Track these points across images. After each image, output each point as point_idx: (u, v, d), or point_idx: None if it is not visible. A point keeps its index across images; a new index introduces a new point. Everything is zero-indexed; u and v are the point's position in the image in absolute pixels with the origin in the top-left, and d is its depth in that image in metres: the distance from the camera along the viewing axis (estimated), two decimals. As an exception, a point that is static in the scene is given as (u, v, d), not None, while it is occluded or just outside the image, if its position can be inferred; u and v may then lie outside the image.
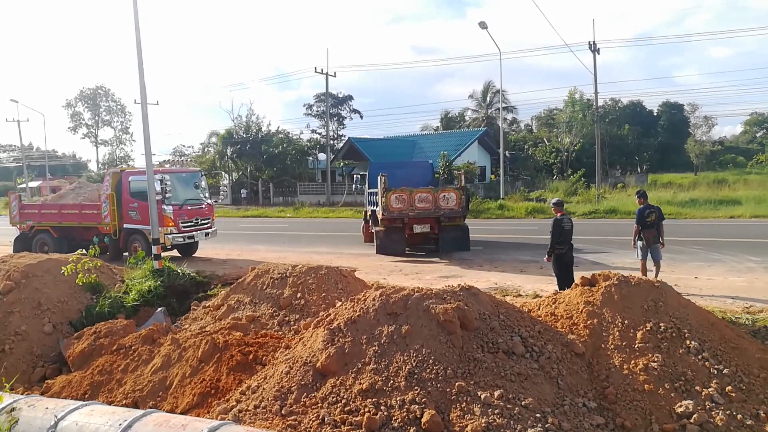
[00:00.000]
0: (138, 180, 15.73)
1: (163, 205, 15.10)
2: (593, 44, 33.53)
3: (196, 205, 16.75)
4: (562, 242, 9.84)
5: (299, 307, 9.12)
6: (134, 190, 15.96)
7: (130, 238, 16.07)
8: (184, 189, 16.56)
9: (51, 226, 17.12)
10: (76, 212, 16.86)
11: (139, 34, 12.75)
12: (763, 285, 10.53)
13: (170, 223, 15.68)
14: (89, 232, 16.67)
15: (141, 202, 15.47)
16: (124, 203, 16.02)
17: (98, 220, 16.35)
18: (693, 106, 61.68)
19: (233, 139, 49.55)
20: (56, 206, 17.35)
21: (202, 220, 16.90)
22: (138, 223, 15.80)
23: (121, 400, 6.92)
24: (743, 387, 5.70)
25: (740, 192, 30.18)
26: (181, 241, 16.12)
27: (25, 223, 17.69)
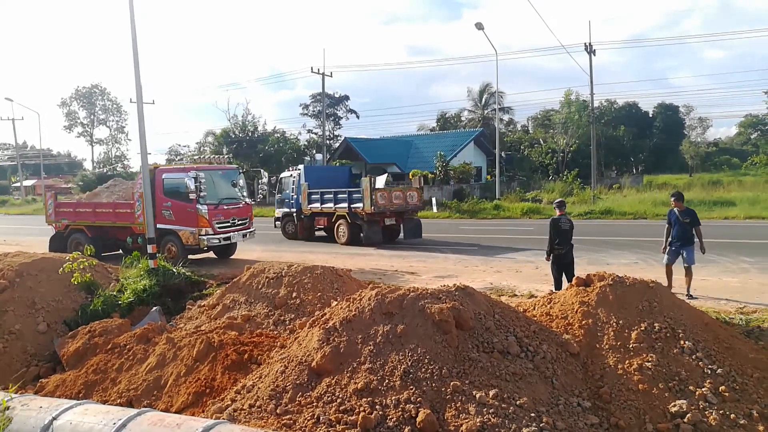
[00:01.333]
0: (172, 177, 15.16)
1: (197, 205, 14.57)
2: (589, 45, 33.59)
3: (232, 205, 15.78)
4: (561, 242, 9.82)
5: (295, 307, 9.11)
6: (168, 188, 15.16)
7: (163, 239, 15.14)
8: (219, 187, 15.60)
9: (85, 225, 16.49)
10: (109, 211, 16.11)
11: (134, 33, 12.72)
12: (757, 285, 10.58)
13: (204, 223, 14.80)
14: (123, 232, 16.03)
15: (175, 201, 14.96)
16: (157, 202, 14.91)
17: (131, 220, 15.56)
18: (688, 108, 61.97)
19: (229, 139, 49.50)
20: (90, 205, 16.69)
21: (239, 220, 15.93)
22: (172, 223, 15.03)
23: (115, 399, 6.91)
24: (737, 387, 5.73)
25: (734, 193, 30.31)
26: (216, 242, 15.18)
27: (60, 221, 17.05)
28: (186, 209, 14.73)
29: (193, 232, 14.70)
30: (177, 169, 15.28)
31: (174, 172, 15.31)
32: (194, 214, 14.61)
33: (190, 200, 14.55)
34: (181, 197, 14.80)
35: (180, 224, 14.79)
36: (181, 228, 14.78)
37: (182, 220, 14.79)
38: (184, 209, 14.76)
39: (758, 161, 50.28)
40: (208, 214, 14.79)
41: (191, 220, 14.70)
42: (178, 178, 14.88)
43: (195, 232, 14.67)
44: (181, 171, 15.01)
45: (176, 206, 14.93)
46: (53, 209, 17.14)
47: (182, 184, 14.66)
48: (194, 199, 14.42)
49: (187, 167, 15.06)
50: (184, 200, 14.74)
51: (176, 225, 14.94)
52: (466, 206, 30.98)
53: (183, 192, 14.67)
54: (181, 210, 14.78)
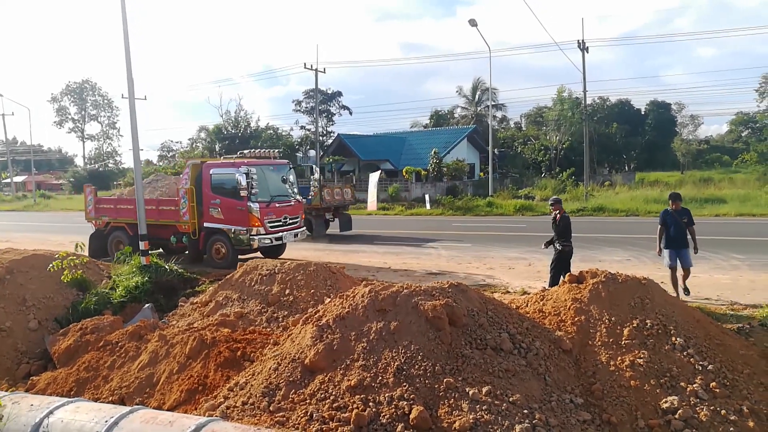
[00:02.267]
0: (221, 173, 14.06)
1: (248, 202, 13.54)
2: (582, 43, 33.66)
3: (284, 202, 14.68)
4: (569, 239, 9.87)
5: (288, 304, 9.10)
6: (217, 184, 14.04)
7: (211, 239, 14.18)
8: (271, 183, 14.51)
9: (126, 223, 15.27)
10: (152, 208, 14.80)
11: (126, 28, 12.61)
12: (747, 282, 10.66)
13: (256, 222, 13.69)
14: (166, 230, 14.91)
15: (225, 198, 13.86)
16: (205, 199, 14.07)
17: (176, 218, 14.45)
18: (680, 105, 62.26)
19: (222, 135, 49.35)
20: (132, 201, 15.13)
21: (290, 219, 14.81)
22: (221, 221, 13.94)
23: (107, 396, 6.88)
24: (727, 383, 5.78)
25: (725, 191, 30.51)
26: (268, 243, 14.13)
27: (100, 219, 15.95)
28: (236, 207, 13.66)
29: (243, 231, 13.67)
30: (226, 164, 14.21)
31: (223, 166, 14.21)
32: (245, 212, 13.59)
33: (240, 197, 13.54)
34: (230, 194, 13.77)
35: (229, 223, 13.76)
36: (231, 227, 13.75)
37: (232, 219, 13.75)
38: (234, 207, 13.70)
39: (749, 159, 50.65)
40: (260, 212, 13.73)
41: (242, 219, 13.67)
42: (228, 174, 13.84)
43: (246, 231, 13.66)
44: (230, 166, 13.94)
45: (225, 204, 13.85)
46: (93, 206, 16.10)
47: (232, 179, 13.67)
48: (245, 196, 13.47)
49: (237, 161, 13.98)
50: (234, 197, 13.68)
51: (225, 224, 13.88)
52: (460, 203, 31.03)
53: (233, 188, 13.68)
54: (230, 208, 13.74)
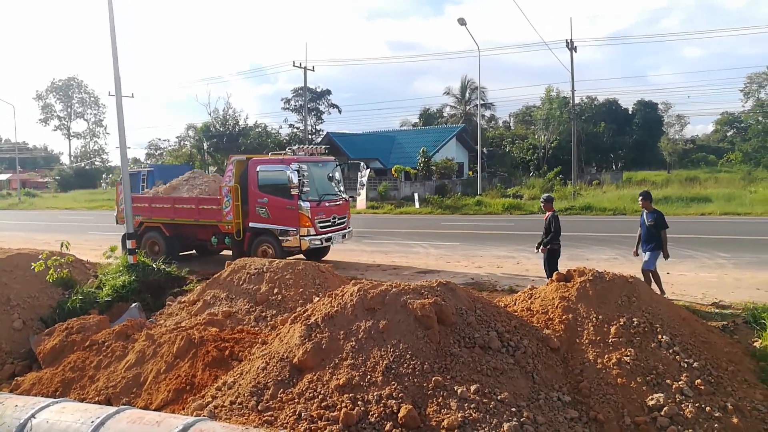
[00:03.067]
0: (269, 170, 13.30)
1: (299, 201, 12.83)
2: (570, 42, 33.87)
3: (333, 201, 13.93)
4: (557, 237, 9.92)
5: (276, 303, 9.07)
6: (264, 182, 13.27)
7: (256, 240, 13.44)
8: (319, 181, 13.76)
9: (162, 223, 14.54)
10: (192, 207, 14.13)
11: (113, 25, 12.51)
12: (732, 281, 10.78)
13: (307, 222, 12.93)
14: (205, 230, 14.26)
15: (272, 197, 13.11)
16: (251, 198, 13.37)
17: (218, 218, 13.67)
18: (666, 105, 62.85)
19: (210, 133, 49.10)
20: (169, 200, 14.66)
21: (338, 218, 14.09)
22: (268, 222, 13.19)
23: (93, 397, 6.82)
24: (712, 380, 5.84)
25: (711, 190, 30.80)
26: (318, 244, 13.41)
27: (133, 218, 14.83)
28: (285, 206, 12.94)
29: (293, 232, 12.94)
30: (274, 161, 13.45)
31: (271, 163, 13.44)
32: (295, 212, 12.85)
33: (291, 196, 12.82)
34: (279, 192, 13.02)
35: (277, 223, 13.06)
36: (280, 228, 13.03)
37: (280, 219, 13.04)
38: (283, 206, 12.98)
39: (734, 158, 51.23)
40: (310, 211, 12.97)
41: (291, 219, 12.93)
42: (277, 171, 13.10)
43: (296, 232, 12.92)
44: (279, 162, 13.21)
45: (274, 203, 13.11)
46: None
47: (281, 177, 12.92)
48: (296, 195, 12.75)
49: (286, 158, 13.28)
50: (283, 196, 12.95)
51: (273, 224, 13.15)
52: (449, 202, 31.11)
53: (282, 186, 12.91)
54: (279, 207, 13.02)
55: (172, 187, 15.74)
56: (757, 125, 48.56)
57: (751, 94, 50.37)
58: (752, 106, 50.33)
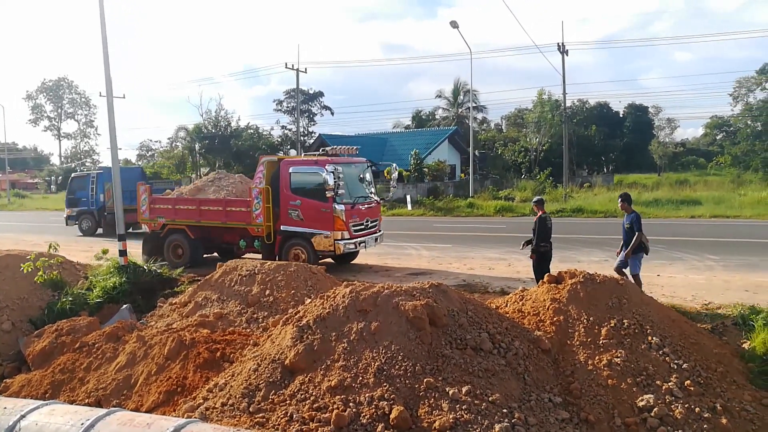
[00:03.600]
0: (302, 172, 12.85)
1: (334, 204, 12.40)
2: (562, 46, 34.04)
3: (366, 204, 13.51)
4: (545, 240, 9.93)
5: (268, 304, 9.05)
6: (297, 184, 12.85)
7: (288, 243, 12.97)
8: (352, 183, 13.28)
9: (187, 225, 13.96)
10: (219, 209, 13.64)
11: (104, 25, 12.45)
12: (721, 283, 10.87)
13: (341, 225, 12.50)
14: (232, 233, 13.85)
15: (305, 199, 12.67)
16: (282, 200, 12.92)
17: (247, 220, 13.19)
18: (657, 109, 63.20)
19: (202, 134, 48.94)
20: (195, 201, 14.09)
21: (371, 221, 13.66)
22: (301, 225, 12.76)
23: (83, 399, 6.78)
24: (701, 381, 5.89)
25: (700, 193, 31.03)
26: (352, 248, 13.00)
27: (156, 220, 14.51)
28: (320, 209, 12.52)
29: (327, 235, 12.47)
30: (307, 162, 13.01)
31: (304, 164, 13.00)
32: (330, 214, 12.42)
33: (324, 198, 12.39)
34: (313, 195, 12.61)
35: (311, 226, 12.63)
36: (313, 231, 12.62)
37: (314, 222, 12.62)
38: (317, 209, 12.56)
39: (723, 162, 51.55)
40: (344, 214, 12.52)
41: (325, 222, 12.51)
42: (311, 173, 12.65)
43: (330, 235, 12.44)
44: (313, 164, 12.75)
45: (307, 205, 12.67)
46: (147, 206, 14.60)
47: (316, 179, 12.50)
48: (331, 198, 12.30)
49: (320, 159, 12.84)
50: (317, 198, 12.53)
51: (306, 227, 12.72)
52: (441, 204, 31.15)
53: (316, 188, 12.54)
54: (313, 210, 12.59)
55: (197, 188, 15.21)
56: (746, 129, 48.91)
57: (740, 98, 50.75)
58: (741, 110, 50.70)
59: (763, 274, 11.48)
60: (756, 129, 47.76)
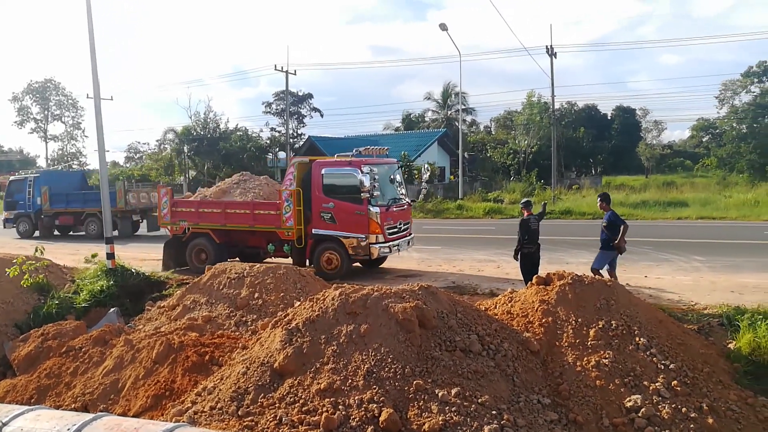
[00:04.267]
0: (336, 173, 12.52)
1: (369, 206, 12.06)
2: (550, 48, 34.27)
3: (399, 206, 13.23)
4: (530, 242, 10.00)
5: (257, 307, 9.02)
6: (330, 185, 12.47)
7: (320, 248, 12.56)
8: (385, 184, 12.88)
9: (212, 229, 13.51)
10: (246, 212, 13.22)
11: (92, 26, 12.37)
12: (708, 284, 10.97)
13: (376, 228, 12.16)
14: (257, 237, 13.50)
15: (339, 201, 12.31)
16: (314, 202, 12.53)
17: (276, 223, 12.76)
18: (644, 111, 63.78)
19: (191, 136, 48.72)
20: (220, 204, 13.68)
21: (403, 224, 13.35)
22: (333, 228, 12.39)
23: (70, 404, 6.72)
24: (688, 381, 5.94)
25: (687, 194, 31.34)
26: (387, 252, 12.69)
27: (177, 224, 13.99)
28: (354, 212, 12.18)
29: (362, 239, 12.14)
30: (341, 162, 12.68)
31: (337, 165, 12.65)
32: (364, 217, 12.07)
33: (359, 201, 12.07)
34: (346, 197, 12.27)
35: (345, 230, 12.27)
36: (347, 235, 12.23)
37: (348, 225, 12.25)
38: (351, 212, 12.21)
39: (709, 164, 52.08)
40: (380, 217, 12.18)
41: (360, 225, 12.16)
42: (345, 174, 12.31)
43: (365, 239, 12.12)
44: (346, 165, 12.41)
45: (340, 208, 12.32)
46: (168, 209, 14.09)
47: (351, 180, 12.16)
48: (365, 200, 11.98)
49: (354, 160, 12.50)
50: (351, 200, 12.19)
51: (339, 231, 12.33)
52: (430, 206, 31.20)
53: (350, 190, 12.19)
54: (347, 212, 12.25)
55: (222, 190, 14.73)
56: (731, 131, 49.45)
57: (726, 100, 51.33)
58: (727, 113, 51.30)
59: (748, 275, 11.61)
60: (741, 131, 48.32)
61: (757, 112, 47.36)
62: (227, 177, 46.47)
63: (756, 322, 7.17)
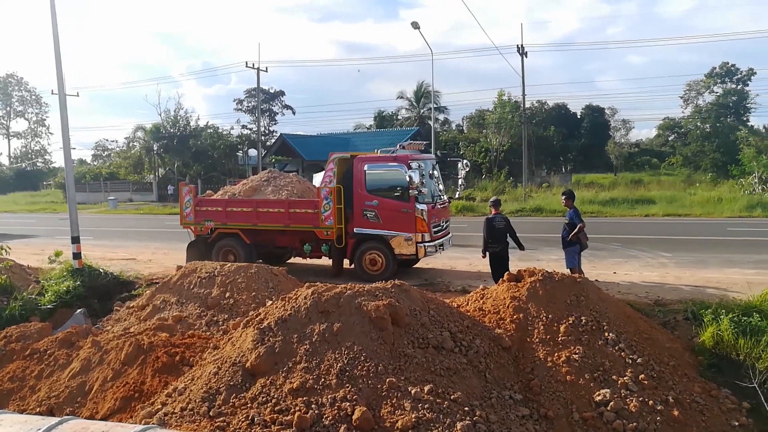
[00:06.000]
0: (381, 169, 12.03)
1: (416, 204, 11.66)
2: (521, 47, 34.66)
3: (441, 203, 12.85)
4: (495, 240, 10.06)
5: (228, 307, 8.93)
6: (373, 182, 11.99)
7: (362, 247, 12.09)
8: (427, 181, 12.39)
9: (241, 229, 12.92)
10: (280, 211, 12.60)
11: (55, 18, 12.04)
12: (674, 279, 11.25)
13: (424, 227, 11.70)
14: (287, 237, 12.96)
15: (384, 199, 11.87)
16: (356, 200, 12.07)
17: (315, 222, 12.21)
18: (613, 110, 64.99)
19: (160, 134, 47.94)
20: (251, 203, 13.03)
21: (445, 222, 13.08)
22: (378, 227, 11.92)
23: (34, 408, 6.54)
24: (655, 375, 6.09)
25: (654, 192, 32.05)
26: (433, 251, 12.17)
27: (203, 224, 13.33)
28: (400, 209, 11.76)
29: (408, 238, 11.67)
30: (385, 158, 12.16)
31: (381, 161, 12.14)
32: (411, 215, 11.64)
33: (405, 198, 11.69)
34: (393, 194, 11.86)
35: (390, 228, 11.82)
36: (393, 233, 11.78)
37: (394, 224, 11.79)
38: (397, 209, 11.78)
39: (675, 162, 53.40)
40: (427, 215, 11.74)
41: (407, 224, 11.71)
42: (391, 170, 11.87)
43: (411, 238, 11.64)
44: (392, 160, 11.94)
45: (385, 206, 11.85)
46: (192, 208, 13.39)
47: (397, 177, 11.74)
48: (413, 197, 11.60)
49: (399, 156, 12.03)
50: (397, 198, 11.81)
51: (384, 229, 11.88)
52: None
53: (396, 187, 11.82)
54: (392, 210, 11.81)
55: (252, 188, 13.95)
56: (695, 130, 50.80)
57: (690, 100, 52.72)
58: (691, 112, 52.67)
59: (712, 270, 11.95)
60: (705, 131, 49.67)
61: (720, 112, 48.76)
62: (197, 175, 45.37)
63: (719, 316, 7.36)
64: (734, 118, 48.90)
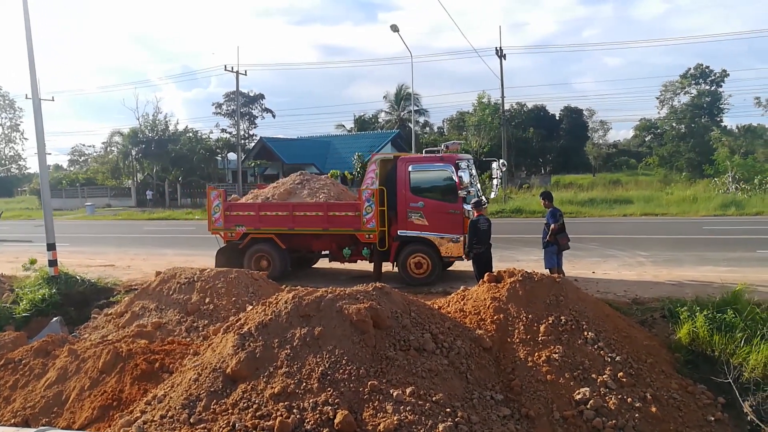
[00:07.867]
0: (426, 170, 11.77)
1: (463, 204, 11.35)
2: (500, 50, 34.93)
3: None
4: (480, 242, 10.07)
5: (208, 313, 8.85)
6: (418, 183, 11.69)
7: (406, 250, 11.77)
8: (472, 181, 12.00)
9: (276, 234, 12.40)
10: (319, 214, 12.12)
11: (28, 21, 11.84)
12: (651, 278, 11.42)
13: None
14: (323, 241, 12.62)
15: (430, 200, 11.57)
16: (400, 202, 11.72)
17: (356, 225, 11.84)
18: (591, 111, 65.92)
19: (138, 139, 47.37)
20: (287, 206, 12.43)
21: None
22: (424, 229, 11.60)
23: (9, 419, 6.42)
24: (633, 372, 6.17)
25: (632, 192, 32.53)
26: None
27: (234, 229, 12.76)
28: (446, 210, 11.50)
29: (456, 239, 11.38)
30: (430, 158, 11.92)
31: (426, 162, 11.91)
32: (459, 216, 11.36)
33: (452, 199, 11.44)
34: (439, 195, 11.62)
35: (436, 230, 11.52)
36: (439, 235, 11.49)
37: (440, 225, 11.50)
38: (443, 211, 11.51)
39: (652, 162, 54.25)
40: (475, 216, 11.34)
41: (454, 225, 11.43)
42: (437, 170, 11.66)
43: (459, 239, 11.34)
44: (438, 161, 11.72)
45: (431, 207, 11.57)
46: (221, 213, 12.79)
47: (443, 177, 11.55)
48: (460, 198, 11.34)
49: (445, 156, 11.79)
50: (444, 199, 11.55)
51: (430, 231, 11.58)
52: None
53: (442, 188, 11.59)
54: (438, 212, 11.53)
55: (287, 191, 13.19)
56: (671, 131, 51.66)
57: (666, 101, 53.59)
58: (667, 113, 53.56)
59: (688, 269, 12.15)
60: (680, 131, 50.53)
61: (694, 113, 49.65)
62: (176, 180, 44.67)
63: (694, 314, 7.48)
64: (708, 119, 49.85)
